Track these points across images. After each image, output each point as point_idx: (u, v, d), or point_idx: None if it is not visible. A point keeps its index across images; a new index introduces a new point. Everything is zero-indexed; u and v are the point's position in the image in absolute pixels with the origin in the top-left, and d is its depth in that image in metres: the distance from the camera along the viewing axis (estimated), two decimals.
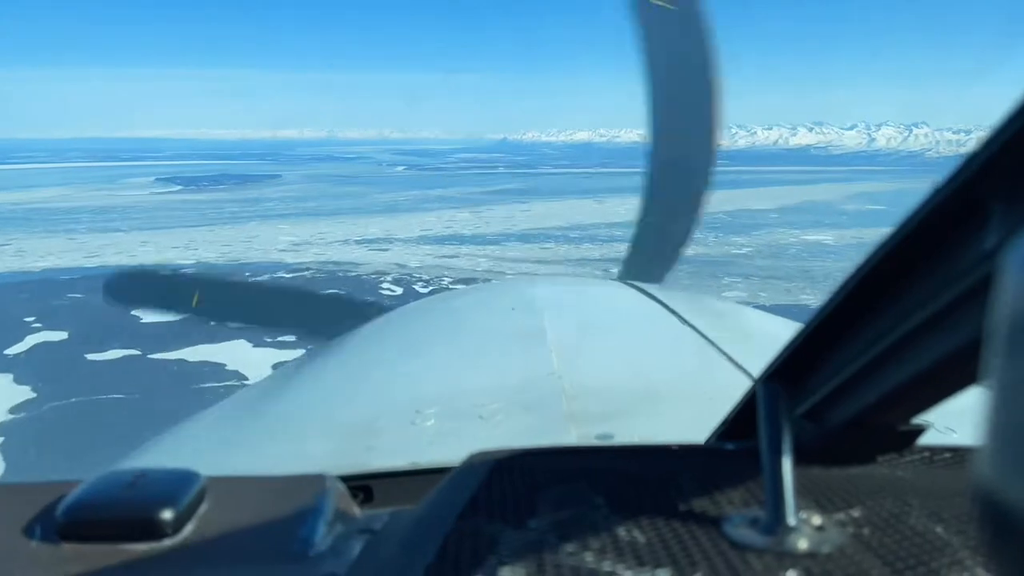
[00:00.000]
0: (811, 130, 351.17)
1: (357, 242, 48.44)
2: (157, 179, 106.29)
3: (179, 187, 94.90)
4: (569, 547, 0.59)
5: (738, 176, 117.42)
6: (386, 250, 45.46)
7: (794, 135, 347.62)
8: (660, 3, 4.43)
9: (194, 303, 4.43)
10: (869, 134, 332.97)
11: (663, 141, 4.71)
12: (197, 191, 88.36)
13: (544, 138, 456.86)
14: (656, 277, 4.26)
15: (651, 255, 4.80)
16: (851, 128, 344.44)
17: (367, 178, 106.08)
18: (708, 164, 4.66)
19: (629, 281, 3.32)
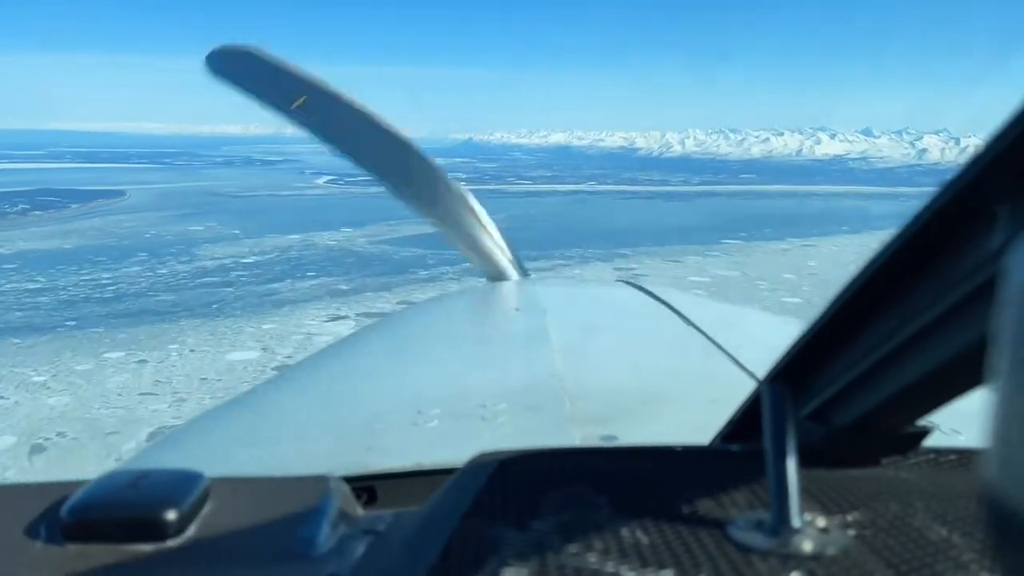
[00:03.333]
0: (833, 137, 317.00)
1: None
2: None
3: None
4: (572, 548, 0.59)
5: (801, 204, 79.78)
6: None
7: (818, 143, 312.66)
8: None
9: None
10: (913, 144, 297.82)
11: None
12: None
13: (515, 139, 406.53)
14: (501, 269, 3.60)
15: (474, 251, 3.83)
16: (871, 134, 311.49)
17: (247, 200, 67.46)
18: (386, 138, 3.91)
19: (631, 281, 3.29)
